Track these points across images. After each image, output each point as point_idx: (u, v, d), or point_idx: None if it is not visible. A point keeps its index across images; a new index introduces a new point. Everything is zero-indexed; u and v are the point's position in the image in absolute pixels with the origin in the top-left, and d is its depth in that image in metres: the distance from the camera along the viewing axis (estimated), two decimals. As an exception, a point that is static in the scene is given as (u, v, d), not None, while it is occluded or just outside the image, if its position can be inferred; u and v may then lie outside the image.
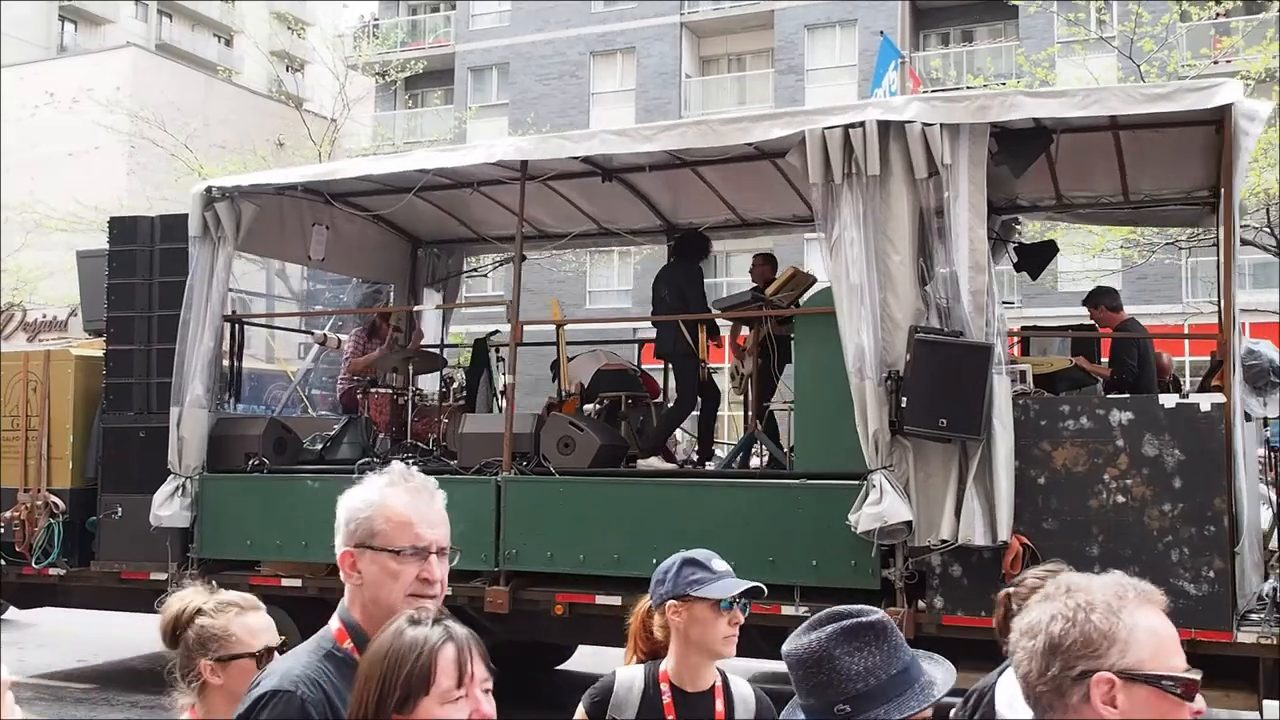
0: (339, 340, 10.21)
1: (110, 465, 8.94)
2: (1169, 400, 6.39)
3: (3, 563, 9.23)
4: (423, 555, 2.32)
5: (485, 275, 9.72)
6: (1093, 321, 8.65)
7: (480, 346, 9.14)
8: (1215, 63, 20.10)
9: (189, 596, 2.78)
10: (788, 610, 6.89)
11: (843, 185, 6.79)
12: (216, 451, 8.59)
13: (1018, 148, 6.81)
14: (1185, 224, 11.96)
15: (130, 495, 8.82)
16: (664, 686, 2.96)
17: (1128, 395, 7.08)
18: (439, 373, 9.60)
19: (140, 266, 8.97)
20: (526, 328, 7.97)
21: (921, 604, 6.65)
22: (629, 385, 8.68)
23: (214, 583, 2.88)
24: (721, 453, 9.82)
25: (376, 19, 38.21)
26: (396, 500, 2.33)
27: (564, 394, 8.46)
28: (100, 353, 9.34)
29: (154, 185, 25.58)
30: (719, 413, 8.97)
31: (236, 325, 9.11)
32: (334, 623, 2.36)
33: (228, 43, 52.07)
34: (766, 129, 7.10)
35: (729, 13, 32.98)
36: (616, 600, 7.31)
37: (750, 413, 7.98)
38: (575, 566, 7.40)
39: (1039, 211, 9.42)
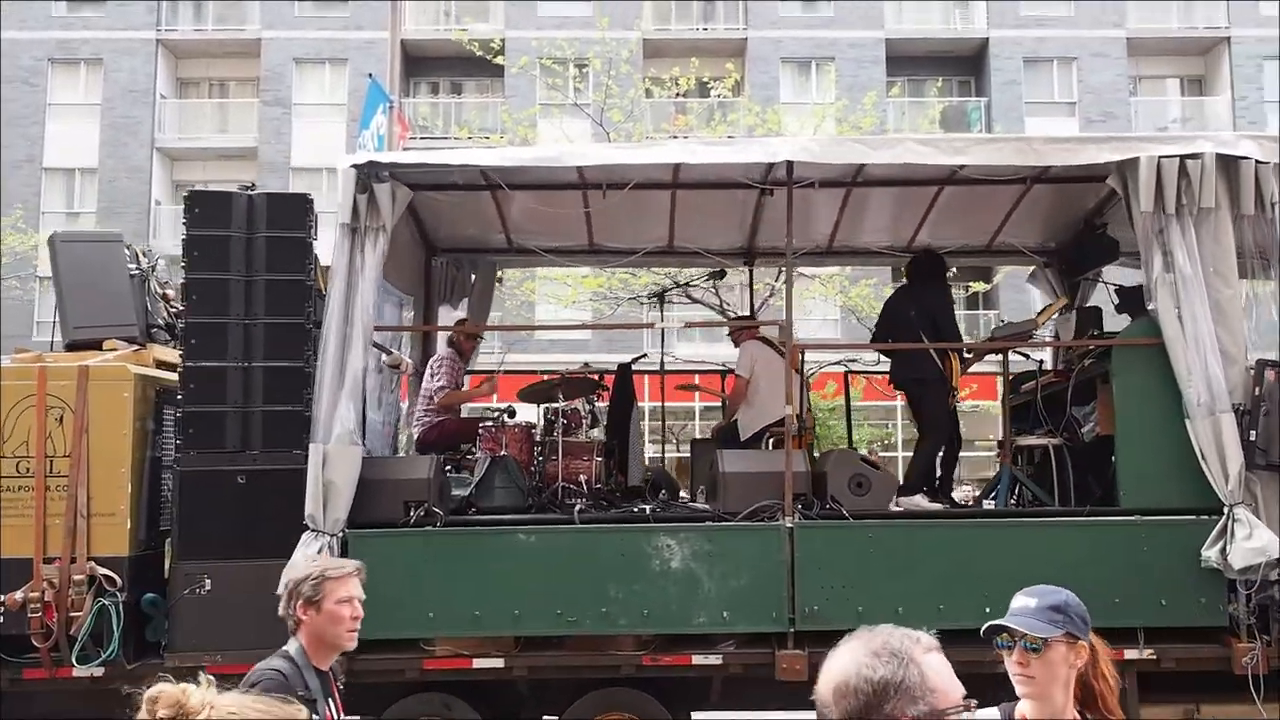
0: (412, 365, 8.32)
1: (191, 523, 6.63)
2: None
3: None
4: None
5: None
6: None
7: (625, 373, 7.87)
8: (675, 137, 22.21)
9: None
10: (1131, 654, 6.59)
11: (1174, 216, 6.72)
12: (358, 501, 6.69)
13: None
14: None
15: (223, 562, 6.62)
16: None
17: None
18: (540, 405, 8.17)
19: (235, 258, 6.80)
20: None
21: (1268, 638, 6.63)
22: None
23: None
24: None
25: None
26: None
27: (801, 424, 7.47)
28: (151, 371, 6.97)
29: None
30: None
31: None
32: None
33: None
34: (1095, 152, 6.86)
35: (212, 35, 31.17)
36: (934, 656, 6.57)
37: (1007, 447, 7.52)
38: (892, 621, 6.53)
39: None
